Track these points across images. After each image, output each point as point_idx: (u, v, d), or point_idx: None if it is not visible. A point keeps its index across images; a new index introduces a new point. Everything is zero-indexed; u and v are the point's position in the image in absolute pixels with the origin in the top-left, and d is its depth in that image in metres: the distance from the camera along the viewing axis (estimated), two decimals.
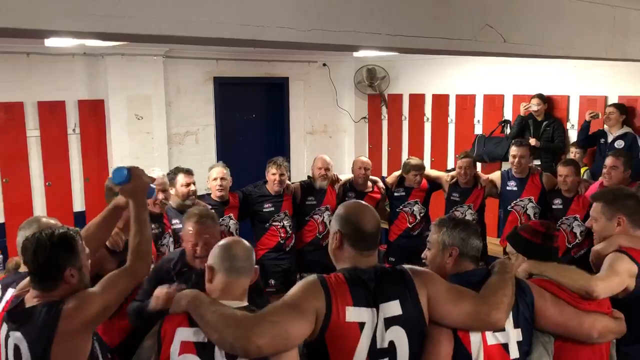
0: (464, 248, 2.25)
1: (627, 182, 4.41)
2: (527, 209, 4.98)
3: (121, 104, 6.00)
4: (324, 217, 5.01)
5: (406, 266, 2.15)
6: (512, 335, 2.11)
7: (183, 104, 6.62)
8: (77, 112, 5.94)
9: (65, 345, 2.06)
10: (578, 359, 2.27)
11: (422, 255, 2.42)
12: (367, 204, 2.24)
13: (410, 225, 5.28)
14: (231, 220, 4.62)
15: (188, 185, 4.20)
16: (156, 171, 3.84)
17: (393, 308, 2.00)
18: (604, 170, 4.58)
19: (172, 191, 4.10)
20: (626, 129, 5.68)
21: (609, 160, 4.59)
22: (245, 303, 2.11)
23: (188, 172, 4.26)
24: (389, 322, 1.99)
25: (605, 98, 6.06)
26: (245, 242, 2.27)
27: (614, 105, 5.79)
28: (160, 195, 3.76)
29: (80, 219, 5.66)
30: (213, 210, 3.53)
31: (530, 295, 2.19)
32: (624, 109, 5.74)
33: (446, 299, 2.06)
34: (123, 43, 4.68)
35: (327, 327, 1.93)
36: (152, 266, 2.97)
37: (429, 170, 5.58)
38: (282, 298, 2.01)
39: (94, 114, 6.01)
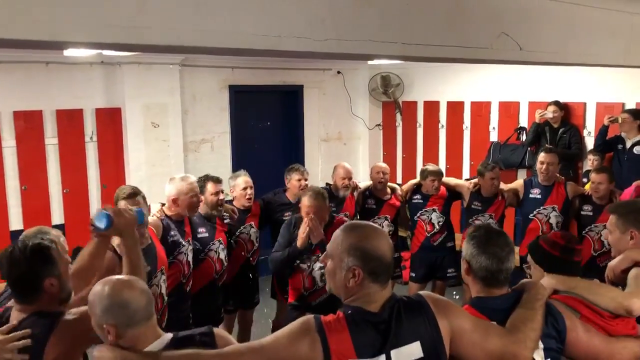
0: (473, 265, 2.08)
1: None
2: (549, 218, 4.94)
3: (138, 112, 6.06)
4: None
5: (424, 294, 1.95)
6: None
7: (199, 112, 6.67)
8: (95, 120, 6.00)
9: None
10: None
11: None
12: (377, 227, 2.02)
13: (429, 235, 5.24)
14: (252, 229, 4.64)
15: (217, 193, 4.22)
16: (190, 177, 3.90)
17: (413, 352, 1.80)
18: None
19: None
20: None
21: None
22: (168, 335, 1.87)
23: (217, 181, 4.27)
24: None
25: (623, 105, 6.01)
26: (133, 282, 1.91)
27: (628, 110, 5.75)
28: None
29: None
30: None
31: (563, 324, 2.07)
32: (639, 114, 5.69)
33: (471, 337, 1.87)
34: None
35: None
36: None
37: (448, 179, 5.54)
38: (266, 338, 1.79)
39: (111, 122, 6.07)
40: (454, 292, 6.00)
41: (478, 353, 1.88)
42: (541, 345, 2.00)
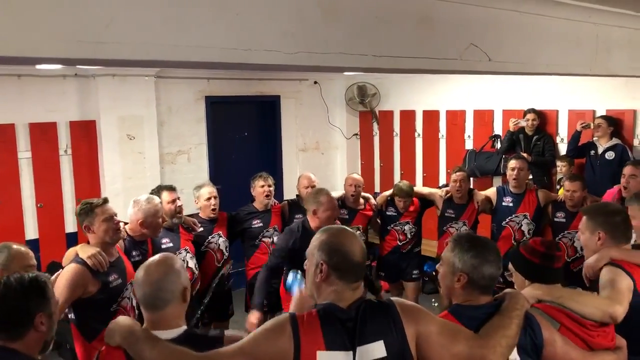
0: (474, 276, 2.07)
1: None
2: (521, 225, 5.00)
3: (113, 124, 6.02)
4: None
5: (394, 299, 1.98)
6: None
7: (175, 124, 6.65)
8: (69, 133, 5.94)
9: None
10: None
11: (437, 267, 2.25)
12: (351, 230, 2.07)
13: (400, 243, 5.32)
14: (220, 238, 4.63)
15: (173, 201, 4.19)
16: (154, 199, 3.82)
17: (376, 350, 1.84)
18: (623, 180, 4.55)
19: None
20: (615, 141, 5.75)
21: (628, 169, 4.55)
22: (183, 328, 2.02)
23: (171, 189, 4.25)
24: None
25: (594, 112, 6.13)
26: (169, 259, 2.11)
27: (603, 116, 5.86)
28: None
29: (72, 240, 5.65)
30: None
31: (541, 337, 2.08)
32: (613, 120, 5.82)
33: (438, 339, 1.89)
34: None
35: None
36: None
37: (421, 188, 5.63)
38: (244, 339, 1.87)
39: (85, 134, 6.02)
40: (433, 300, 6.04)
41: (445, 355, 1.89)
42: (517, 356, 2.02)
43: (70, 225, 6.00)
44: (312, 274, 1.95)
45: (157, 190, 4.21)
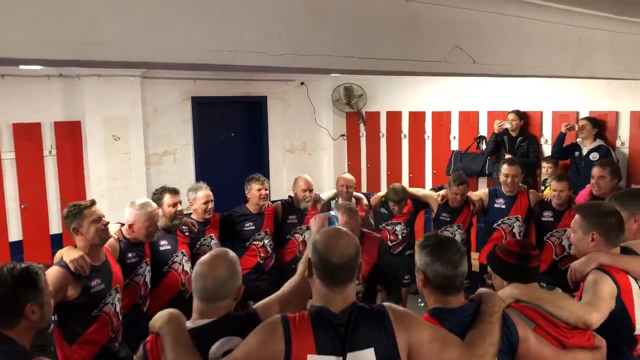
0: (429, 274, 2.10)
1: (616, 190, 4.40)
2: (513, 227, 5.04)
3: (98, 125, 5.97)
4: (305, 236, 4.98)
5: (387, 305, 1.98)
6: None
7: (161, 124, 6.61)
8: (54, 134, 5.89)
9: None
10: None
11: None
12: (343, 230, 2.04)
13: (391, 244, 5.31)
14: (212, 240, 4.60)
15: (175, 205, 4.17)
16: (150, 205, 3.77)
17: (366, 357, 1.84)
18: (592, 181, 4.64)
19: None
20: (599, 142, 5.83)
21: (595, 171, 4.63)
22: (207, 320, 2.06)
23: (175, 192, 4.23)
24: None
25: (577, 113, 6.21)
26: (230, 256, 2.17)
27: (587, 118, 5.94)
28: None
29: (57, 241, 5.59)
30: None
31: (516, 336, 2.10)
32: (597, 122, 5.90)
33: (429, 348, 1.90)
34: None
35: None
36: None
37: (417, 190, 5.60)
38: (239, 346, 1.89)
39: (70, 135, 5.96)
40: (419, 300, 6.06)
41: None
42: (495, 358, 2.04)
43: (55, 226, 5.94)
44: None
45: (160, 192, 4.19)
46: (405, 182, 7.47)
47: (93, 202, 3.24)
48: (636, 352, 2.59)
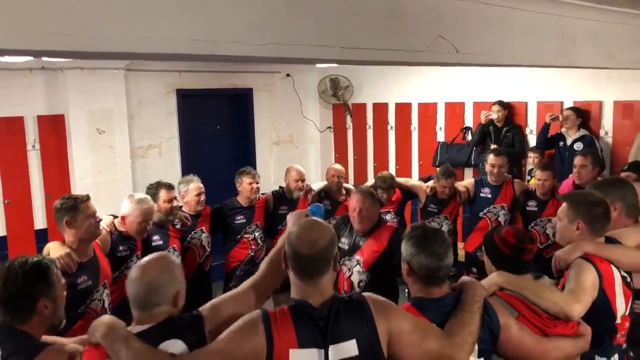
0: (413, 265, 2.10)
1: (596, 180, 4.50)
2: (498, 216, 5.09)
3: (82, 118, 5.91)
4: None
5: (367, 295, 1.98)
6: None
7: (146, 117, 6.56)
8: (37, 128, 5.83)
9: None
10: None
11: None
12: (318, 221, 2.03)
13: None
14: (203, 234, 4.59)
15: (170, 200, 4.16)
16: (147, 202, 3.75)
17: (349, 349, 1.84)
18: (574, 170, 4.73)
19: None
20: (583, 132, 5.89)
21: (577, 160, 4.71)
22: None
23: (170, 188, 4.21)
24: None
25: (562, 103, 6.25)
26: (166, 261, 2.03)
27: (571, 108, 5.99)
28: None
29: (41, 236, 5.54)
30: None
31: (497, 324, 2.11)
32: (581, 112, 5.95)
33: (409, 338, 1.90)
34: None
35: None
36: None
37: (405, 180, 5.63)
38: (218, 338, 1.85)
39: (54, 129, 5.90)
40: (406, 290, 6.08)
41: (416, 353, 1.91)
42: (476, 346, 2.05)
43: (40, 221, 5.89)
44: None
45: (156, 187, 4.16)
46: (392, 173, 7.47)
47: (88, 197, 3.21)
48: (616, 342, 2.62)
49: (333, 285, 1.99)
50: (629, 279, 2.61)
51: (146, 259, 2.03)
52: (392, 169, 7.60)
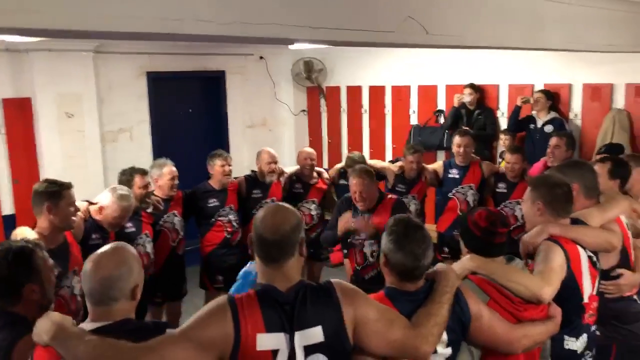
0: (391, 260, 2.08)
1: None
2: (467, 196, 5.16)
3: (49, 101, 5.79)
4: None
5: (334, 281, 1.96)
6: (441, 354, 2.05)
7: (116, 101, 6.45)
8: (2, 112, 5.69)
9: None
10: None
11: None
12: (284, 205, 2.01)
13: None
14: (176, 217, 4.57)
15: (145, 187, 4.14)
16: (127, 198, 3.71)
17: (314, 335, 1.83)
18: (548, 150, 4.83)
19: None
20: (553, 114, 5.95)
21: (553, 140, 4.84)
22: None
23: (144, 173, 4.18)
24: (310, 350, 1.82)
25: (532, 86, 6.31)
26: (123, 253, 1.93)
27: (541, 91, 6.05)
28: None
29: (9, 222, 5.44)
30: None
31: (468, 315, 2.11)
32: (551, 95, 6.01)
33: (375, 326, 1.90)
34: (49, 38, 4.52)
35: (236, 356, 1.77)
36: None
37: (375, 162, 5.67)
38: (185, 324, 1.81)
39: (20, 113, 5.77)
40: None
41: (381, 342, 1.92)
42: (445, 337, 2.06)
43: (7, 207, 5.78)
44: None
45: (130, 173, 4.12)
46: (366, 156, 7.48)
47: (71, 185, 3.17)
48: (585, 321, 2.67)
49: (301, 271, 1.97)
50: (594, 259, 2.67)
51: (101, 250, 1.93)
52: (366, 152, 7.61)
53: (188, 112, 7.38)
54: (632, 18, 4.40)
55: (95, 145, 6.18)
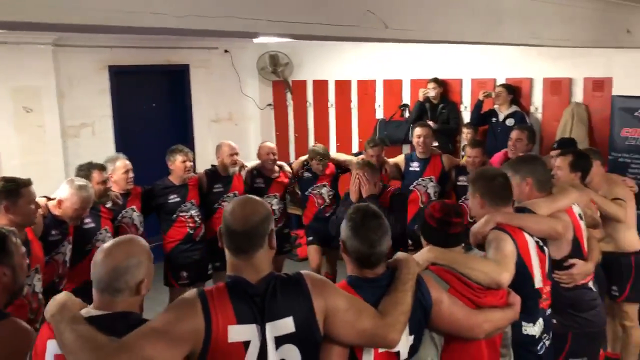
0: (348, 246, 2.13)
1: None
2: (427, 188, 5.25)
3: (6, 96, 5.65)
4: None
5: (304, 273, 1.99)
6: (405, 342, 2.09)
7: (77, 95, 6.32)
8: None
9: None
10: (469, 348, 2.31)
11: None
12: (253, 198, 2.02)
13: (320, 207, 5.39)
14: (134, 213, 4.51)
15: (104, 182, 4.08)
16: (87, 189, 3.66)
17: (285, 326, 1.86)
18: (510, 143, 4.93)
19: None
20: (515, 108, 6.07)
21: (514, 134, 4.95)
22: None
23: (102, 169, 4.12)
24: (280, 340, 1.85)
25: (494, 80, 6.41)
26: (134, 246, 1.96)
27: (503, 85, 6.16)
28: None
29: None
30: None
31: (429, 301, 2.15)
32: (512, 89, 6.13)
33: (344, 316, 1.93)
34: (5, 31, 4.39)
35: (208, 349, 1.77)
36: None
37: (338, 154, 5.76)
38: (155, 319, 1.82)
39: None
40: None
41: (350, 332, 1.95)
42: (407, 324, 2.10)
43: None
44: None
45: (87, 169, 4.05)
46: (332, 151, 7.50)
47: (30, 182, 3.09)
48: (540, 305, 2.75)
49: (271, 263, 1.98)
50: (541, 243, 2.77)
51: (114, 240, 1.99)
52: (332, 146, 7.63)
53: (151, 106, 7.28)
54: (591, 14, 4.49)
55: (55, 140, 6.06)
